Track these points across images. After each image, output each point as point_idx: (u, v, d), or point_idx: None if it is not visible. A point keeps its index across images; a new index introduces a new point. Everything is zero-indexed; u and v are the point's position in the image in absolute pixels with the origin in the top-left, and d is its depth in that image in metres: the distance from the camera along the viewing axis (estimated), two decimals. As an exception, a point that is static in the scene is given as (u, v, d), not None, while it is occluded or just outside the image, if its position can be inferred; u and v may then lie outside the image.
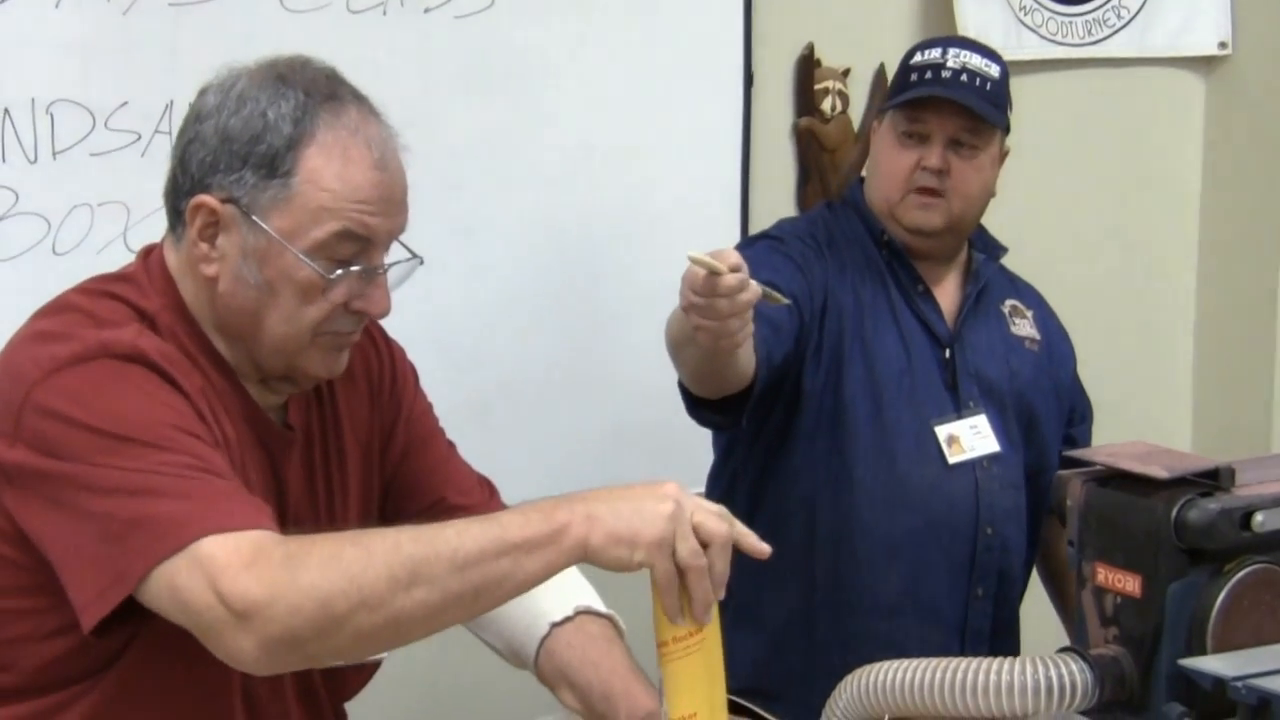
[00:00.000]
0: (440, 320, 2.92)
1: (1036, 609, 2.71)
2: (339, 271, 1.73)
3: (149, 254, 1.82)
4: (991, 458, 2.57)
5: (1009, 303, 2.74)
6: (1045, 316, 2.79)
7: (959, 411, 2.57)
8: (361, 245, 1.74)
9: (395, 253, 1.82)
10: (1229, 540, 2.06)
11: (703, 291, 2.00)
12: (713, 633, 1.61)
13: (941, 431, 2.54)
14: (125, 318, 1.72)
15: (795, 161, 3.38)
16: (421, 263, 1.84)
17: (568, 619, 1.93)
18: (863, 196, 2.66)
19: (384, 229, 1.75)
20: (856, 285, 2.58)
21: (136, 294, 1.76)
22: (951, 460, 2.53)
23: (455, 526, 1.58)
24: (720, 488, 2.67)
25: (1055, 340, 2.77)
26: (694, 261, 1.99)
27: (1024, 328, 2.71)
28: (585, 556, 1.58)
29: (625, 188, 3.15)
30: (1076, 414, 2.80)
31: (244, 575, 1.52)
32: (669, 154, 3.19)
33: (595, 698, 1.84)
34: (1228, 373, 3.98)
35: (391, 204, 1.75)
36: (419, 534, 1.57)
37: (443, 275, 2.89)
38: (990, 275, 2.70)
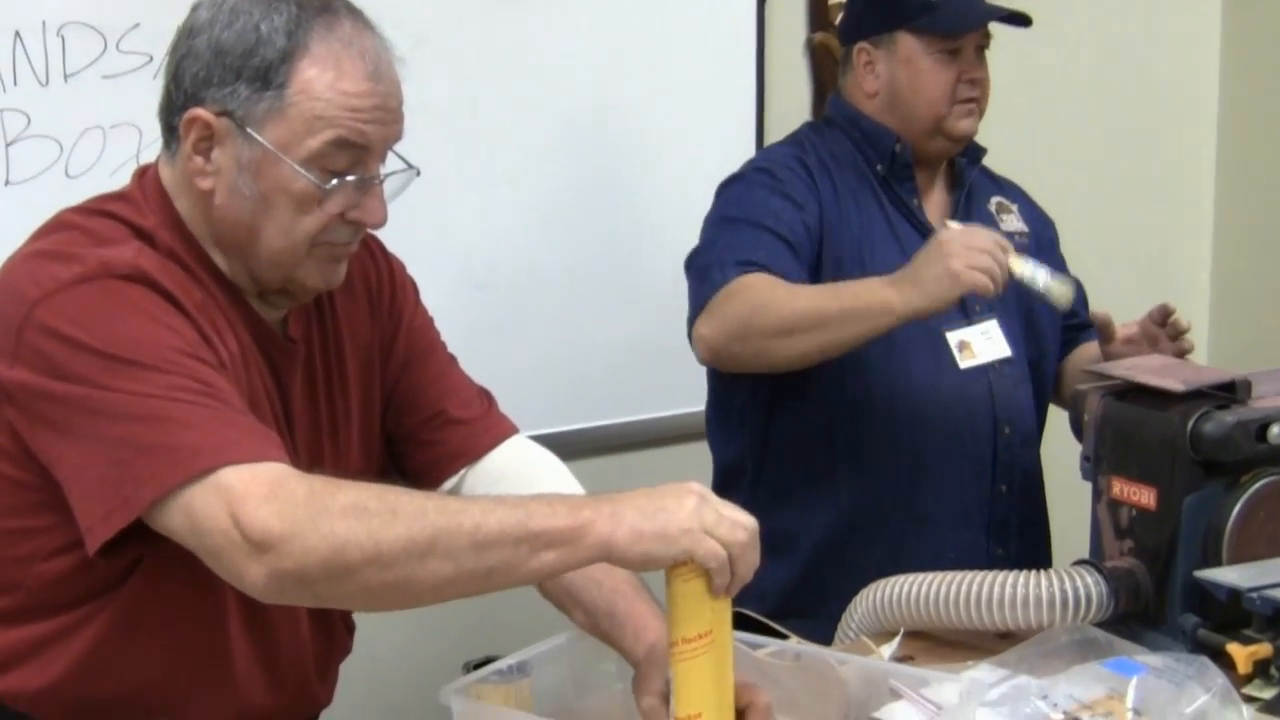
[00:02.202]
0: (455, 237, 2.92)
1: (1063, 503, 2.73)
2: (334, 181, 1.72)
3: (144, 173, 1.82)
4: (1003, 360, 2.57)
5: (994, 200, 2.74)
6: (1027, 206, 2.80)
7: (968, 317, 2.57)
8: (357, 155, 1.73)
9: (392, 164, 1.81)
10: (1245, 452, 2.07)
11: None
12: (722, 635, 1.62)
13: (952, 338, 2.55)
14: (123, 235, 1.72)
15: (810, 76, 3.36)
16: (418, 174, 1.83)
17: None
18: (859, 114, 2.64)
19: (379, 136, 1.74)
20: (852, 208, 2.58)
21: (132, 212, 1.75)
22: (963, 365, 2.54)
23: (482, 504, 1.58)
24: (727, 423, 2.67)
25: (1041, 229, 2.78)
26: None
27: (1011, 223, 2.72)
28: (609, 554, 1.56)
29: (640, 105, 3.14)
30: None
31: (264, 507, 1.52)
32: (684, 71, 3.17)
33: (600, 615, 1.84)
34: (1245, 284, 3.97)
35: (386, 112, 1.74)
36: (445, 505, 1.58)
37: (457, 192, 2.90)
38: (972, 177, 2.70)
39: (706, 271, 2.46)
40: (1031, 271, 2.29)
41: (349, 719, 2.14)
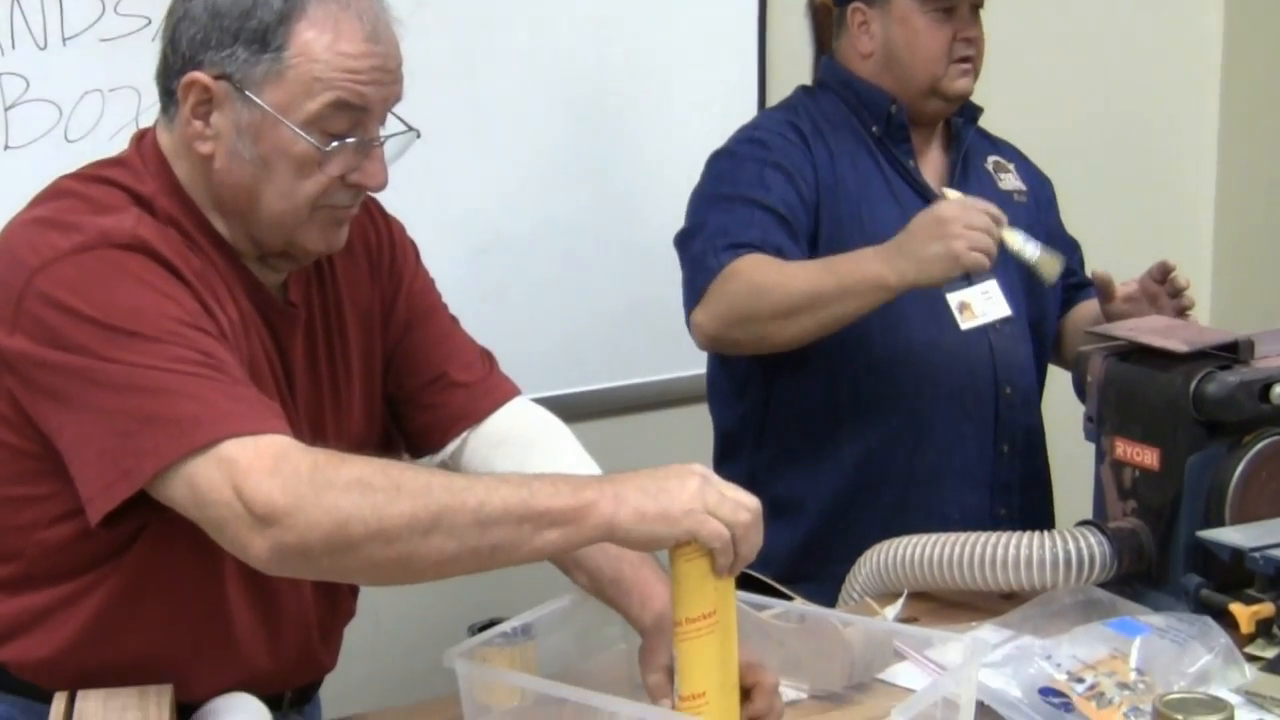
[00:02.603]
0: (455, 200, 2.92)
1: (1065, 464, 2.73)
2: (334, 144, 1.72)
3: (142, 138, 1.81)
4: (1003, 320, 2.57)
5: (991, 159, 2.74)
6: (1024, 165, 2.80)
7: (968, 278, 2.56)
8: (356, 117, 1.72)
9: (392, 126, 1.80)
10: (1247, 412, 2.07)
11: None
12: (726, 615, 1.62)
13: (953, 299, 2.53)
14: (122, 202, 1.71)
15: (811, 37, 3.34)
16: (418, 136, 1.82)
17: None
18: (853, 77, 2.64)
19: (378, 98, 1.73)
20: (847, 170, 2.57)
21: (131, 178, 1.75)
22: (964, 326, 2.53)
23: (486, 482, 1.58)
24: (729, 388, 2.67)
25: (1038, 186, 2.78)
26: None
27: (1009, 181, 2.72)
28: (612, 535, 1.57)
29: (642, 65, 3.13)
30: (1067, 248, 2.81)
31: (268, 481, 1.52)
32: (686, 31, 3.16)
33: (605, 582, 1.84)
34: (1247, 244, 3.96)
35: (385, 73, 1.73)
36: (451, 482, 1.57)
37: (458, 155, 2.89)
38: (968, 136, 2.70)
39: (700, 258, 2.45)
40: (1022, 244, 2.31)
41: (353, 683, 2.14)
